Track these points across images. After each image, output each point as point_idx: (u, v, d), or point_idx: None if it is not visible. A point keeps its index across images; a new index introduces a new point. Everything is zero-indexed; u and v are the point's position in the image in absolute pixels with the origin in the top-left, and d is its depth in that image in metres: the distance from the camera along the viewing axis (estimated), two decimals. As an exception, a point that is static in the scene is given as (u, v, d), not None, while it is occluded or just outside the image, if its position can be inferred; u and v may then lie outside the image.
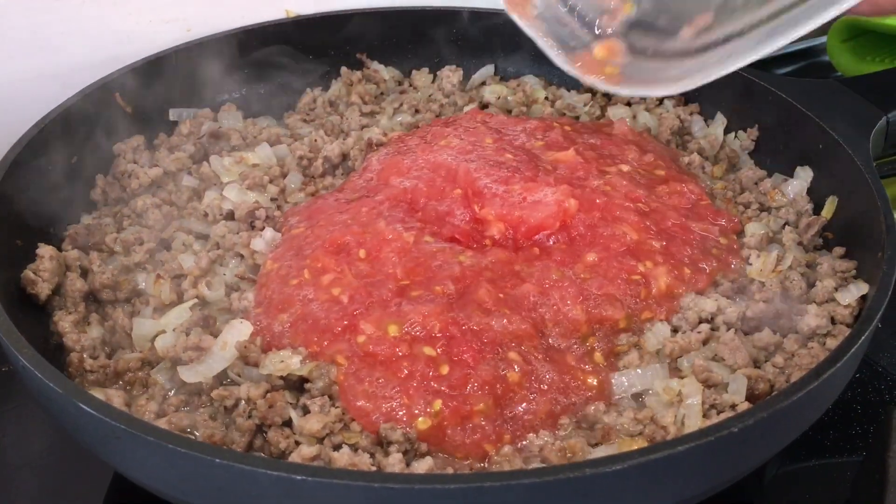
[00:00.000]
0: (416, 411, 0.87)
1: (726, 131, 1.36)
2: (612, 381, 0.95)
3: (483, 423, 0.88)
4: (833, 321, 0.99)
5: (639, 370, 0.95)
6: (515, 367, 0.92)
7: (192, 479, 0.73)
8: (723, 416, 0.87)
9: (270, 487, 0.69)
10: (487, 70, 1.53)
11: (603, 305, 1.00)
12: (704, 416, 0.88)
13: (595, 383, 0.94)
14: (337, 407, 0.88)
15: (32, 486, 1.00)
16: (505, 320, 0.96)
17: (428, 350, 0.92)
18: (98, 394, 0.88)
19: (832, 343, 0.96)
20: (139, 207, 1.18)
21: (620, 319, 1.00)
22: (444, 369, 0.90)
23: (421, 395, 0.89)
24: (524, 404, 0.90)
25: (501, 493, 0.67)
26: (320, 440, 0.84)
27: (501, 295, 1.00)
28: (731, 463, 0.78)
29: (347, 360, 0.92)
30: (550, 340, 0.98)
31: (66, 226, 1.13)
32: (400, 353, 0.92)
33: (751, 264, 1.09)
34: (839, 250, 1.08)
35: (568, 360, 0.96)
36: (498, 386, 0.90)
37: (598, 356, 0.97)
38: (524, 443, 0.88)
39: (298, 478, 0.68)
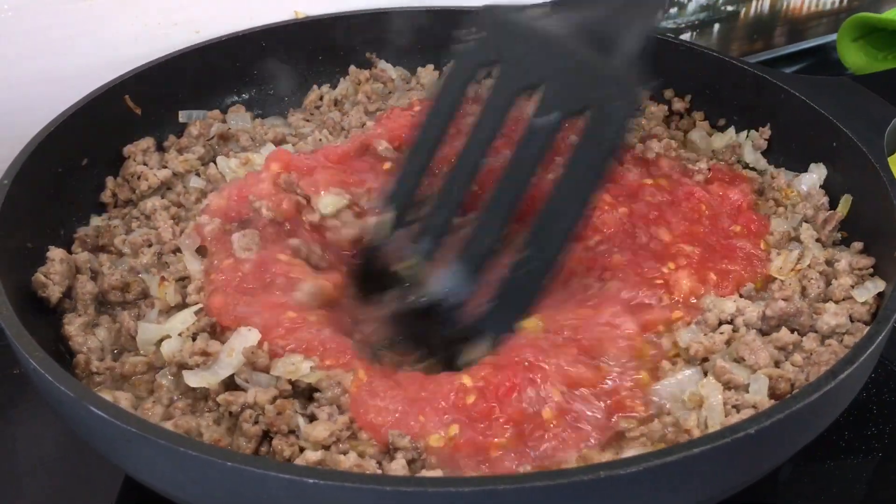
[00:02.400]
0: (431, 427, 0.84)
1: (738, 130, 1.35)
2: (653, 393, 0.90)
3: (500, 454, 0.82)
4: (851, 319, 0.98)
5: (676, 377, 0.91)
6: (553, 406, 0.85)
7: (203, 482, 0.72)
8: (745, 415, 0.85)
9: (281, 490, 0.69)
10: None
11: (645, 309, 0.96)
12: (726, 416, 0.87)
13: (642, 407, 0.88)
14: (344, 414, 0.86)
15: (44, 488, 1.00)
16: (562, 361, 0.88)
17: (466, 379, 0.87)
18: (105, 395, 0.87)
19: (850, 340, 0.95)
20: (148, 209, 1.18)
21: (661, 322, 0.96)
22: (470, 398, 0.85)
23: (438, 416, 0.84)
24: (553, 442, 0.83)
25: (515, 497, 0.66)
26: (326, 447, 0.83)
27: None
28: (748, 465, 0.77)
29: (368, 374, 0.89)
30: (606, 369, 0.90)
31: (76, 228, 1.13)
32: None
33: (771, 261, 1.07)
34: (857, 245, 1.07)
35: (619, 391, 0.89)
36: (527, 424, 0.84)
37: (644, 374, 0.91)
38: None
39: (310, 481, 0.67)
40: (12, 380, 1.09)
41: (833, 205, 1.16)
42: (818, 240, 1.11)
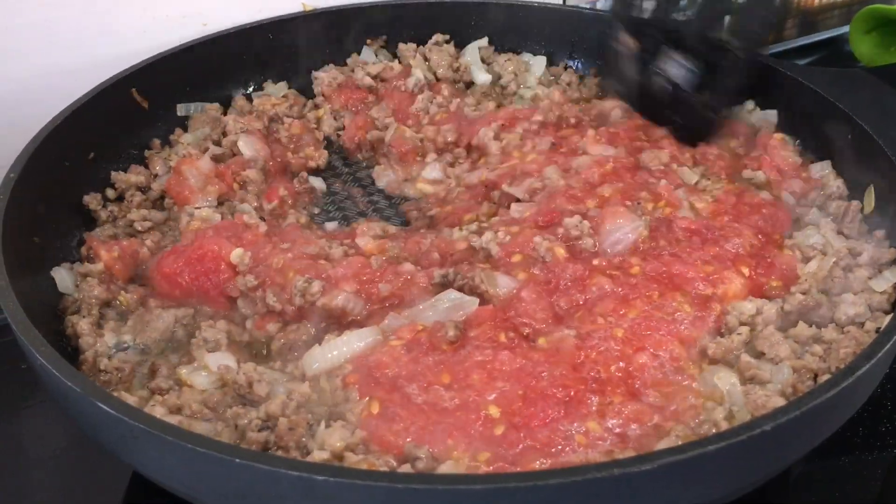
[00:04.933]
0: (455, 450, 0.81)
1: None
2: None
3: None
4: (870, 309, 0.97)
5: (702, 378, 0.90)
6: (589, 435, 0.83)
7: (211, 479, 0.72)
8: (774, 404, 0.84)
9: (290, 488, 0.68)
10: (481, 43, 1.51)
11: (688, 327, 0.94)
12: (755, 409, 0.85)
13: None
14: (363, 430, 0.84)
15: (52, 483, 0.99)
16: (618, 403, 0.85)
17: (493, 410, 0.84)
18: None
19: (871, 326, 0.93)
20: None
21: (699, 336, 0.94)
22: (499, 430, 0.82)
23: (467, 440, 0.82)
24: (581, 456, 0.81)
25: (528, 495, 0.65)
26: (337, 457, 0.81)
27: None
28: (764, 461, 0.76)
29: (383, 404, 0.86)
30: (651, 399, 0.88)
31: (82, 220, 1.13)
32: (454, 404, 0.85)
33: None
34: (879, 234, 1.06)
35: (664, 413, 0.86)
36: (556, 449, 0.82)
37: (692, 398, 0.88)
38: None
39: (320, 478, 0.66)
40: (19, 375, 1.08)
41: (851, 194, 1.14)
42: (840, 232, 1.09)
